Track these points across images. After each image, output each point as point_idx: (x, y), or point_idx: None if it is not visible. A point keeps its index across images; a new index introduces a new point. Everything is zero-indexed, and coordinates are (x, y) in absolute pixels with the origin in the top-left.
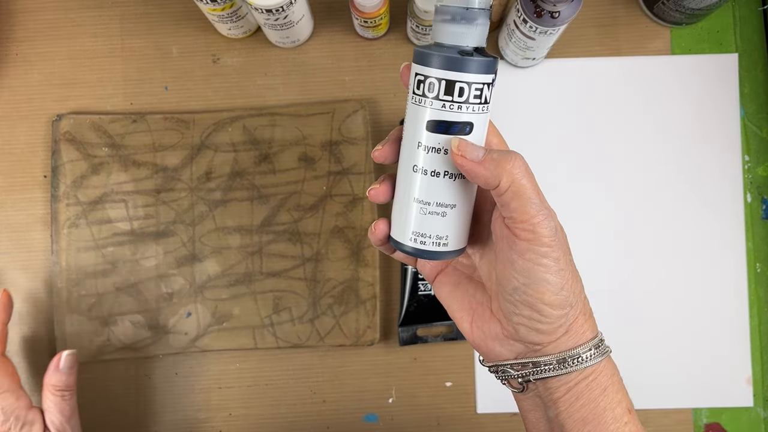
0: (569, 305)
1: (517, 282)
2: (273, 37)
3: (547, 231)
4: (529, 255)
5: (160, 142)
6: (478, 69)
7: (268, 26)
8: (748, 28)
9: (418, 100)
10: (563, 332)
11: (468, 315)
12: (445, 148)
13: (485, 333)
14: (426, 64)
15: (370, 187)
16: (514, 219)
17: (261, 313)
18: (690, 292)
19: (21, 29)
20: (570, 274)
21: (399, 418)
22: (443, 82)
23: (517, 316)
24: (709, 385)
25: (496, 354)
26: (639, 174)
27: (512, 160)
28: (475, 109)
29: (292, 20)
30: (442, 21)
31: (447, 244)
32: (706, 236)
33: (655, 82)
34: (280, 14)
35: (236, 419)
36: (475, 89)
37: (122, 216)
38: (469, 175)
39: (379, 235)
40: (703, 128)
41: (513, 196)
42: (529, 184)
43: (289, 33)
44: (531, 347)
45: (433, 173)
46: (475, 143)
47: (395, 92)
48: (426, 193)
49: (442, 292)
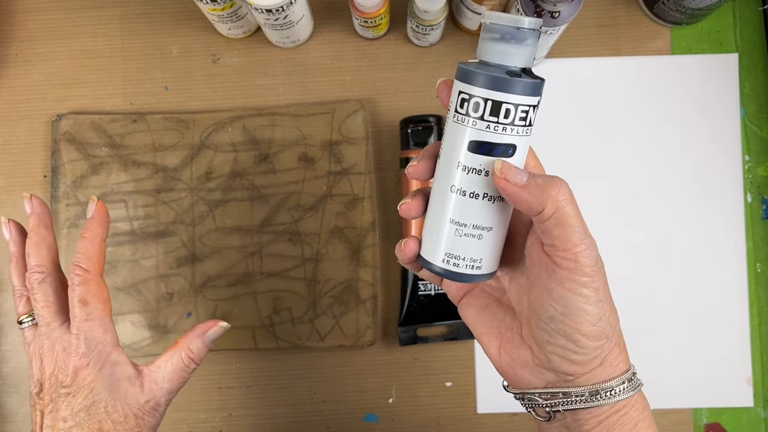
0: (605, 337)
1: (554, 311)
2: (273, 37)
3: (588, 261)
4: (569, 284)
5: (160, 142)
6: (526, 91)
7: (268, 26)
8: (748, 28)
9: (460, 118)
10: (598, 364)
11: (496, 340)
12: (486, 170)
13: (514, 359)
14: (471, 83)
15: (401, 202)
16: (556, 247)
17: (261, 313)
18: (690, 292)
19: (21, 29)
20: (608, 306)
21: (399, 418)
22: (489, 102)
23: (551, 345)
24: (709, 385)
25: (525, 382)
26: (639, 174)
27: (557, 187)
28: (519, 132)
29: (292, 20)
30: (491, 39)
31: (480, 267)
32: (706, 236)
33: (655, 82)
34: (280, 14)
35: (236, 419)
36: (521, 111)
37: (122, 216)
38: (511, 199)
39: (409, 254)
40: (703, 128)
41: (556, 223)
42: (573, 211)
43: (289, 33)
44: (563, 377)
45: (471, 195)
46: (517, 166)
47: (395, 92)
48: (462, 215)
49: (469, 315)
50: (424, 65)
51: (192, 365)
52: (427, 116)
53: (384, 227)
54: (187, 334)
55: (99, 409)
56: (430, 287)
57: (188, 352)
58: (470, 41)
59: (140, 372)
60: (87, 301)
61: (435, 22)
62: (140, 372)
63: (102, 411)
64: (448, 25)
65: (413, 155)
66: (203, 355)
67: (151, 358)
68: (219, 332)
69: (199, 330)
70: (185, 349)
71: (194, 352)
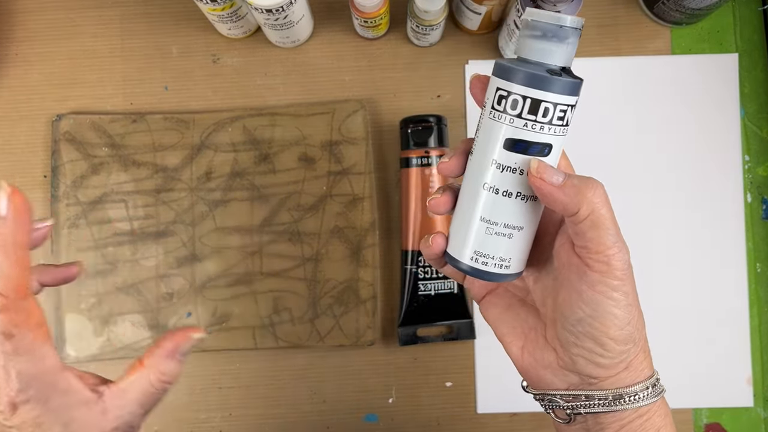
0: (632, 341)
1: (583, 313)
2: (273, 37)
3: (621, 264)
4: (600, 287)
5: (160, 142)
6: (566, 90)
7: (268, 26)
8: (748, 28)
9: (497, 115)
10: (623, 368)
11: (519, 340)
12: (521, 169)
13: (537, 360)
14: (510, 80)
15: (430, 197)
16: (589, 249)
17: (261, 313)
18: (690, 292)
19: (21, 29)
20: (636, 311)
21: (399, 418)
22: (528, 100)
23: (577, 348)
24: (709, 385)
25: (547, 383)
26: (639, 174)
27: (593, 188)
28: (556, 131)
29: (292, 20)
30: (531, 36)
31: (509, 266)
32: (706, 236)
33: (655, 82)
34: (280, 14)
35: (236, 419)
36: (559, 110)
37: (122, 216)
38: (545, 199)
39: (436, 249)
40: (703, 128)
41: (591, 225)
42: (608, 214)
43: (289, 33)
44: (586, 380)
45: (504, 193)
46: (553, 166)
47: (395, 92)
48: (494, 213)
49: (491, 314)
50: (424, 65)
51: (165, 388)
52: (427, 116)
53: (384, 227)
54: (152, 351)
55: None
56: (430, 287)
57: (160, 376)
58: (470, 41)
59: (101, 394)
60: (11, 334)
61: (435, 22)
62: (101, 394)
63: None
64: (448, 25)
65: (413, 155)
66: (178, 373)
67: None
68: (192, 344)
69: (168, 347)
70: (155, 373)
71: (167, 375)
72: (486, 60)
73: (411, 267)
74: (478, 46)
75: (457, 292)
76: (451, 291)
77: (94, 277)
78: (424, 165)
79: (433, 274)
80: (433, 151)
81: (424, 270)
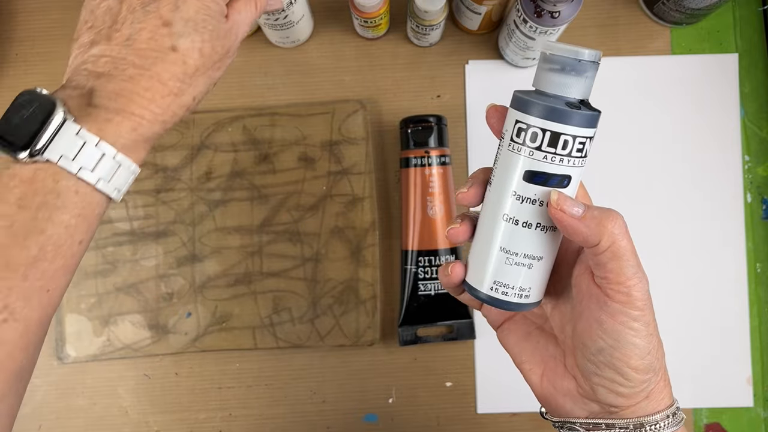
0: (653, 371)
1: (604, 343)
2: (273, 37)
3: (641, 294)
4: (621, 317)
5: (160, 142)
6: (585, 123)
7: (268, 26)
8: (748, 28)
9: (516, 147)
10: (643, 397)
11: (538, 368)
12: (540, 200)
13: (557, 388)
14: (529, 112)
15: (449, 227)
16: (609, 280)
17: (261, 313)
18: (690, 292)
19: (21, 29)
20: (656, 340)
21: (399, 418)
22: (548, 133)
23: (597, 377)
24: (709, 385)
25: (566, 411)
26: (638, 174)
27: (614, 220)
28: (575, 163)
29: (292, 20)
30: (550, 70)
31: (528, 296)
32: (706, 236)
33: (655, 82)
34: (280, 14)
35: (236, 419)
36: (578, 143)
37: (122, 216)
38: (566, 230)
39: (455, 279)
40: (703, 128)
41: (612, 256)
42: (629, 245)
43: (289, 33)
44: (607, 408)
45: (524, 224)
46: (572, 197)
47: (395, 92)
48: (513, 244)
49: (509, 341)
50: (424, 65)
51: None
52: (427, 116)
53: (384, 227)
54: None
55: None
56: (430, 287)
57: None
58: (470, 41)
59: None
60: None
61: (435, 22)
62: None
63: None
64: (448, 25)
65: (413, 155)
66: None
67: (151, 359)
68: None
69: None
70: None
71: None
72: (486, 60)
73: (411, 267)
74: (478, 46)
75: None
76: None
77: (94, 277)
78: (424, 165)
79: (433, 274)
80: (433, 151)
81: (424, 270)
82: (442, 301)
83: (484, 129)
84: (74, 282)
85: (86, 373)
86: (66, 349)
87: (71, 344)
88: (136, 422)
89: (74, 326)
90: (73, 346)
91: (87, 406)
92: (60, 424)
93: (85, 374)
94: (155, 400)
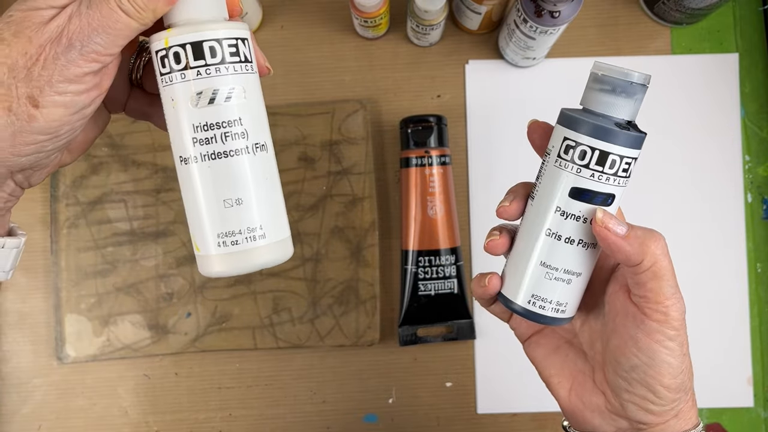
0: (684, 390)
1: (638, 360)
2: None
3: (678, 314)
4: (657, 336)
5: (160, 142)
6: (632, 143)
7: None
8: (748, 27)
9: (563, 164)
10: (673, 415)
11: (567, 382)
12: (585, 217)
13: (585, 403)
14: (578, 131)
15: (489, 238)
16: (648, 299)
17: (261, 313)
18: (690, 292)
19: None
20: (688, 360)
21: (399, 418)
22: (597, 151)
23: (628, 394)
24: (709, 385)
25: (594, 426)
26: (638, 174)
27: (656, 240)
28: (620, 182)
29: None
30: (601, 90)
31: (564, 311)
32: (707, 236)
33: (655, 82)
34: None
35: (236, 419)
36: (625, 162)
37: (122, 216)
38: (609, 248)
39: (491, 290)
40: (703, 128)
41: (652, 276)
42: (669, 265)
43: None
44: (636, 425)
45: (567, 240)
46: (615, 216)
47: (395, 92)
48: (554, 258)
49: (537, 354)
50: (424, 65)
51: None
52: (427, 116)
53: (384, 227)
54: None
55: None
56: (430, 287)
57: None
58: (470, 41)
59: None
60: None
61: (435, 21)
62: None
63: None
64: (448, 25)
65: (413, 155)
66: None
67: (151, 359)
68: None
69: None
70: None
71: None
72: (486, 60)
73: (411, 267)
74: (478, 46)
75: (457, 292)
76: (452, 291)
77: (94, 277)
78: (424, 165)
79: (433, 274)
80: (433, 151)
81: (424, 270)
82: (442, 301)
83: (484, 129)
84: (74, 282)
85: (86, 373)
86: (66, 349)
87: (71, 344)
88: (136, 422)
89: (74, 326)
90: (72, 346)
91: (87, 406)
92: (60, 424)
93: (85, 374)
94: (155, 400)
